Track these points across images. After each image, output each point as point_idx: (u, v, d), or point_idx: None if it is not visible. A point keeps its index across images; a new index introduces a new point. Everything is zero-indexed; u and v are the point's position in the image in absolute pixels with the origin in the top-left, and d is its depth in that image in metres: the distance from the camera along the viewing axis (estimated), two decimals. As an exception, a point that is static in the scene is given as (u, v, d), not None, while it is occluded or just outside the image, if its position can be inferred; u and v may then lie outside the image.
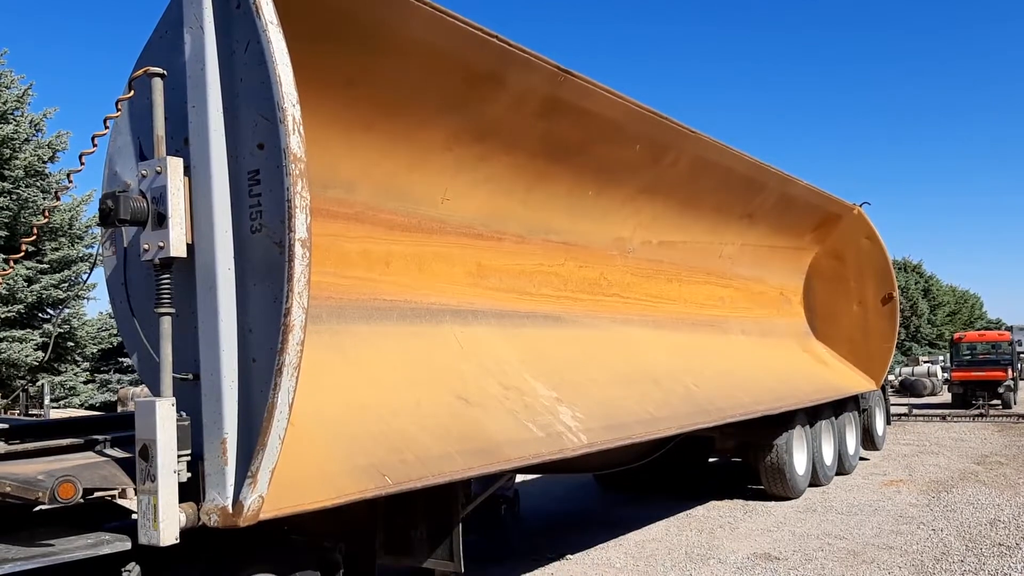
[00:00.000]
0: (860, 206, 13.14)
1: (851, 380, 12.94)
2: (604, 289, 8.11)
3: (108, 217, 4.02)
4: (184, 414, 3.93)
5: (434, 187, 6.00)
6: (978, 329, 56.85)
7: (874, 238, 13.12)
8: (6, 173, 21.69)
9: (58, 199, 7.53)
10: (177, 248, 3.96)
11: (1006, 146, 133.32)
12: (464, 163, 6.12)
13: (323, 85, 4.70)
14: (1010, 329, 42.74)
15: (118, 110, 4.28)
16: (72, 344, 23.66)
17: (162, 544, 3.80)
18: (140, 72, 4.13)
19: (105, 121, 4.26)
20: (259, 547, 4.56)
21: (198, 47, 3.96)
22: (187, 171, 4.01)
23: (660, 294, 9.15)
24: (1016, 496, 11.38)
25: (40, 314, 23.02)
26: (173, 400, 3.91)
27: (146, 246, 4.04)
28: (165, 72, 4.09)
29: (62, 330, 22.69)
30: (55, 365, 23.60)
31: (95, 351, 26.33)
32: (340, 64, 4.85)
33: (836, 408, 12.81)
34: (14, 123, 22.22)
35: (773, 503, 11.06)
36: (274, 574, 4.56)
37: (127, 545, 4.15)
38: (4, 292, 20.53)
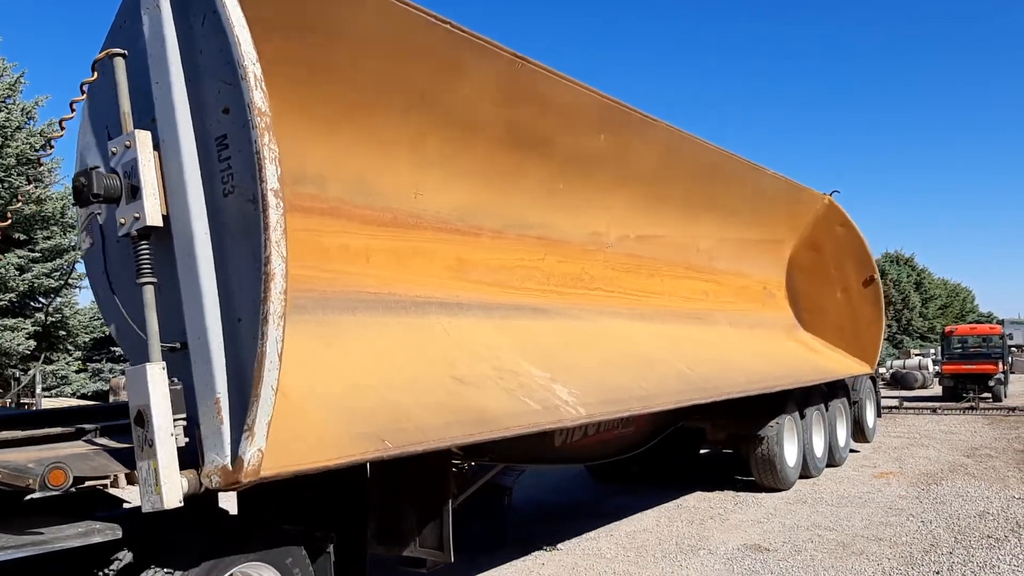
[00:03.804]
0: (830, 195, 13.17)
1: (844, 365, 13.03)
2: (587, 283, 8.12)
3: (82, 194, 4.11)
4: (176, 379, 3.97)
5: (405, 182, 5.98)
6: (970, 322, 57.09)
7: (848, 225, 13.14)
8: (-3, 161, 21.57)
9: (29, 182, 7.59)
10: (153, 217, 4.04)
11: (1000, 141, 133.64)
12: (432, 157, 6.10)
13: (282, 79, 4.65)
14: (1001, 323, 42.96)
15: (83, 93, 4.36)
16: (64, 333, 23.59)
17: (166, 507, 3.81)
18: (103, 54, 4.24)
19: (71, 104, 4.34)
20: (251, 537, 4.57)
21: (156, 26, 4.09)
22: (156, 147, 4.10)
23: (643, 288, 9.16)
24: (1005, 489, 11.44)
25: (32, 303, 22.92)
26: (163, 364, 3.94)
27: (122, 220, 4.13)
28: (126, 52, 4.20)
29: (54, 319, 22.61)
30: (47, 354, 23.53)
31: (87, 340, 26.26)
32: (296, 57, 4.82)
33: (827, 398, 12.91)
34: (5, 111, 22.09)
35: (763, 494, 11.10)
36: (265, 563, 4.57)
37: (118, 534, 4.16)
38: (-5, 281, 20.45)
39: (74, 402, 21.87)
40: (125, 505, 5.10)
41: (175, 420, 3.89)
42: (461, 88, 6.01)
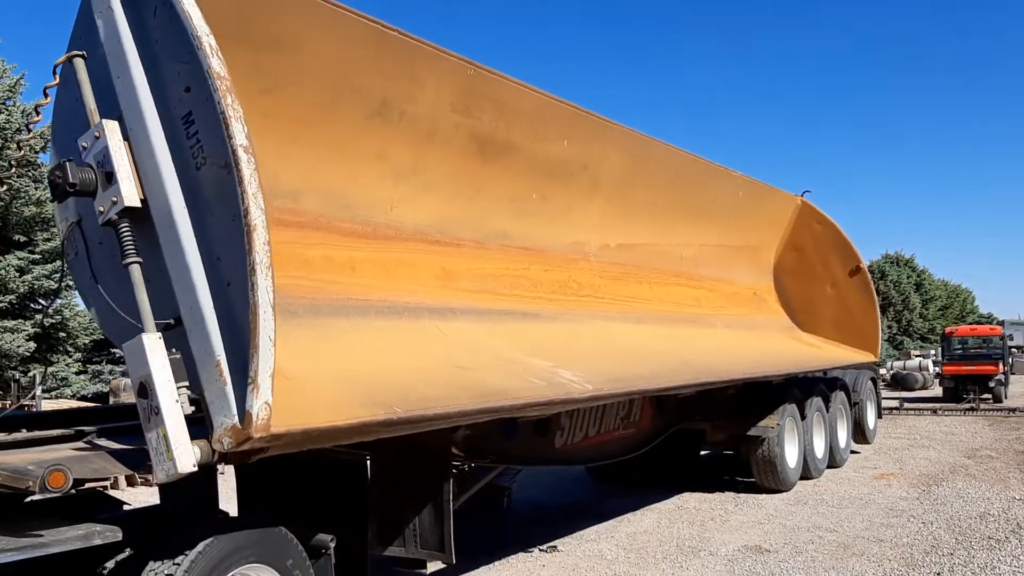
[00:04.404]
0: (802, 195, 13.27)
1: (848, 354, 13.08)
2: (576, 290, 8.09)
3: (59, 187, 4.23)
4: (174, 350, 4.01)
5: (379, 196, 5.98)
6: (970, 323, 57.06)
7: (825, 221, 13.21)
8: (-4, 163, 21.56)
9: (2, 184, 7.65)
10: (130, 198, 4.17)
11: (1000, 141, 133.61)
12: (402, 169, 6.10)
13: (244, 94, 4.65)
14: (1002, 323, 42.99)
15: (46, 96, 4.56)
16: (64, 335, 23.58)
17: (180, 472, 3.83)
18: (63, 58, 4.44)
19: (36, 108, 4.66)
20: (251, 539, 4.56)
21: (111, 26, 4.30)
22: (126, 137, 4.24)
23: (634, 295, 9.12)
24: (1006, 490, 11.44)
25: (32, 304, 22.92)
26: (159, 334, 4.00)
27: (101, 208, 4.25)
28: (85, 53, 4.41)
29: (54, 320, 22.60)
30: (47, 356, 23.52)
31: (87, 342, 26.26)
32: (250, 71, 4.82)
33: (827, 399, 12.95)
34: (6, 113, 22.10)
35: (764, 496, 11.10)
36: (265, 564, 4.57)
37: (118, 536, 4.15)
38: (-5, 282, 20.44)
39: (74, 404, 21.87)
40: (125, 507, 5.11)
41: (178, 387, 3.94)
42: (419, 96, 6.01)
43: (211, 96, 3.95)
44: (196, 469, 3.88)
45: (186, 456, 3.85)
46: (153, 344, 3.94)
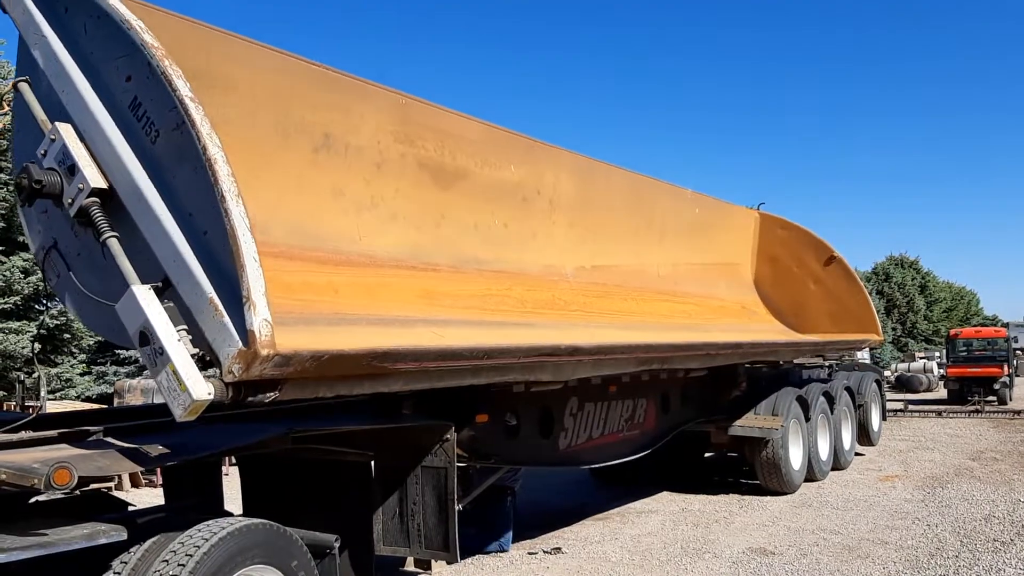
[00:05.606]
0: (758, 208, 13.50)
1: (854, 338, 13.20)
2: (563, 307, 8.04)
3: (25, 189, 4.41)
4: (167, 300, 4.10)
5: (345, 227, 5.99)
6: (974, 325, 56.96)
7: (788, 225, 13.38)
8: (3, 164, 21.60)
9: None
10: (95, 180, 4.34)
11: (1004, 143, 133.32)
12: (361, 202, 6.12)
13: None
14: (1006, 326, 42.84)
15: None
16: (68, 336, 23.61)
17: (196, 399, 3.87)
18: (7, 89, 4.80)
19: None
20: (255, 541, 4.56)
21: (48, 51, 4.61)
22: (82, 139, 4.44)
23: (622, 309, 9.07)
24: (1011, 492, 11.42)
25: (37, 306, 22.95)
26: (148, 286, 4.09)
27: (70, 200, 4.40)
28: (28, 78, 4.73)
29: (58, 321, 22.64)
30: (51, 357, 23.56)
31: (92, 343, 26.31)
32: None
33: (831, 400, 12.99)
34: (11, 114, 22.13)
35: (768, 498, 11.09)
36: (270, 565, 4.57)
37: (123, 536, 4.16)
38: (0, 284, 20.48)
39: (79, 405, 21.93)
40: (131, 507, 5.12)
41: (177, 330, 4.01)
42: (360, 128, 6.06)
43: (149, 63, 4.14)
44: (211, 398, 3.92)
45: (199, 385, 3.89)
46: (143, 293, 4.04)
